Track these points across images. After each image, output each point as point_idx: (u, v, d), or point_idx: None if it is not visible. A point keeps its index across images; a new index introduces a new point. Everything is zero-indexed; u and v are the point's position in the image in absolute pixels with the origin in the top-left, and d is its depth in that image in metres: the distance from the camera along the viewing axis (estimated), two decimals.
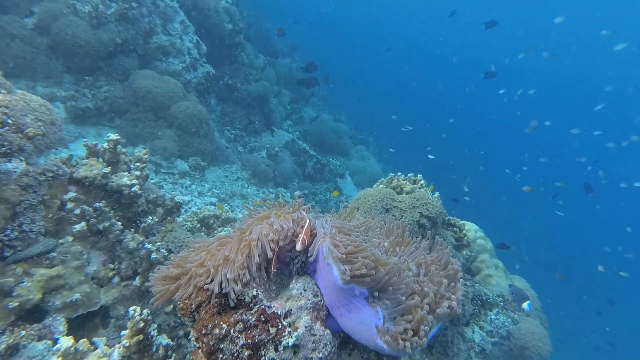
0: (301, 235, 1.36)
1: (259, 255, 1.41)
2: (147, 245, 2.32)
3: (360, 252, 1.38)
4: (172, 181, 5.42)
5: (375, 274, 1.31)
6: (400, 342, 1.23)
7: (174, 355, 1.91)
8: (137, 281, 2.33)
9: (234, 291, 1.37)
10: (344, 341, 1.56)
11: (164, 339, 1.73)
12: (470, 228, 4.13)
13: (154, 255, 2.30)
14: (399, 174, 3.86)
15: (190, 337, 1.47)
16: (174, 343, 1.97)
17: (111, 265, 2.32)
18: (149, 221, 2.42)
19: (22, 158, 1.94)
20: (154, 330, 1.76)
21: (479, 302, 3.71)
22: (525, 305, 3.37)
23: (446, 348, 3.65)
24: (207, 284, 1.41)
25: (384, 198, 3.56)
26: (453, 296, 1.50)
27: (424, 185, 3.74)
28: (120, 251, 2.37)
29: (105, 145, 2.48)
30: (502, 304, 3.67)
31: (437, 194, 3.63)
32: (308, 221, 1.43)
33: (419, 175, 3.85)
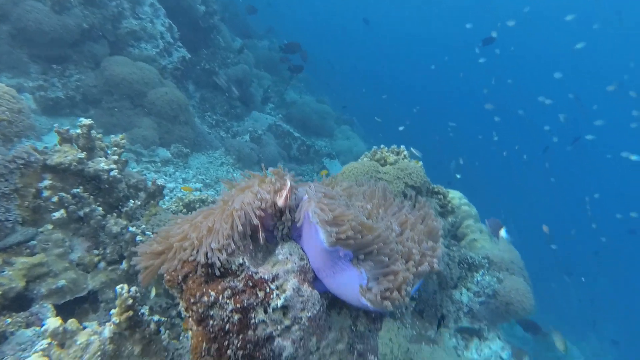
0: (284, 191, 1.37)
1: (242, 224, 1.42)
2: (131, 228, 2.29)
3: (346, 215, 1.40)
4: (155, 169, 5.32)
5: (361, 238, 1.33)
6: (382, 299, 1.27)
7: (167, 332, 1.92)
8: (124, 265, 2.31)
9: (220, 260, 1.37)
10: (333, 302, 1.59)
11: (155, 317, 1.73)
12: (455, 195, 4.22)
13: (139, 238, 2.27)
14: (382, 146, 3.89)
15: (179, 308, 1.47)
16: (166, 319, 1.98)
17: (96, 251, 2.29)
18: (131, 205, 2.38)
19: None
20: (145, 310, 1.76)
21: (465, 265, 3.83)
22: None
23: (436, 311, 3.78)
24: (192, 255, 1.41)
25: (368, 170, 3.59)
26: (434, 253, 1.54)
27: (407, 156, 3.78)
28: (104, 237, 2.34)
29: (79, 130, 2.41)
30: (487, 265, 3.80)
31: (420, 163, 3.68)
32: (289, 183, 1.44)
33: (402, 146, 3.88)
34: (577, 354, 8.48)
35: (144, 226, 2.38)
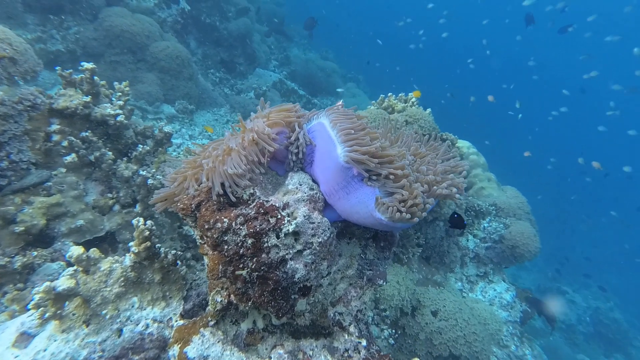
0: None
1: (255, 153, 1.42)
2: (141, 171, 2.32)
3: (361, 129, 1.38)
4: None
5: (375, 151, 1.31)
6: (397, 211, 1.25)
7: (184, 268, 2.01)
8: (137, 208, 2.37)
9: (236, 184, 1.39)
10: (342, 231, 1.63)
11: (172, 250, 1.80)
12: (463, 145, 4.16)
13: (150, 181, 2.31)
14: (389, 94, 3.78)
15: (194, 235, 1.52)
16: (182, 255, 2.05)
17: (109, 195, 2.34)
18: (140, 149, 2.40)
19: None
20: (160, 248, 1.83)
21: (472, 212, 3.86)
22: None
23: (443, 257, 3.88)
24: (205, 182, 1.43)
25: (376, 118, 3.52)
26: (453, 181, 1.52)
27: (415, 103, 3.68)
28: (116, 181, 2.38)
29: (82, 75, 2.37)
30: (494, 212, 3.83)
31: (429, 110, 3.59)
32: (299, 106, 1.42)
33: (410, 93, 3.76)
34: (578, 299, 8.79)
35: (154, 171, 2.41)
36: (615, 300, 9.64)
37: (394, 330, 3.31)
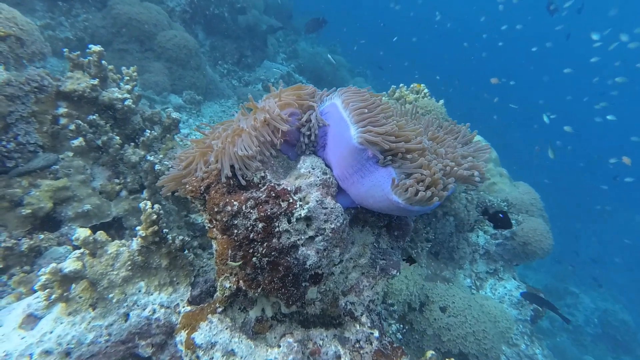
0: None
1: (267, 134, 1.36)
2: (149, 157, 2.28)
3: (375, 106, 1.32)
4: None
5: (390, 130, 1.25)
6: (415, 192, 1.17)
7: (192, 254, 1.97)
8: (145, 194, 2.34)
9: (246, 167, 1.34)
10: (355, 218, 1.57)
11: (179, 236, 1.76)
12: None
13: (157, 167, 2.27)
14: (401, 85, 3.70)
15: (203, 220, 1.48)
16: (189, 243, 2.01)
17: (117, 180, 2.31)
18: (148, 134, 2.36)
19: (1, 63, 1.81)
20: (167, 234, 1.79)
21: (483, 208, 3.78)
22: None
23: (452, 253, 3.81)
24: (214, 164, 1.38)
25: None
26: (473, 163, 1.45)
27: (427, 95, 3.59)
28: (123, 167, 2.35)
29: (90, 58, 2.33)
30: (506, 208, 3.74)
31: (441, 101, 3.50)
32: (312, 86, 1.36)
33: (422, 84, 3.68)
34: (586, 300, 8.66)
35: (161, 156, 2.37)
36: (624, 301, 9.49)
37: (401, 325, 3.26)
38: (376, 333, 1.45)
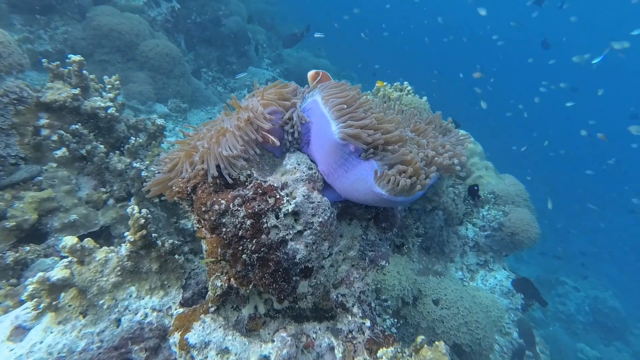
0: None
1: (251, 132, 1.38)
2: (135, 164, 2.27)
3: (353, 101, 1.35)
4: None
5: (370, 124, 1.28)
6: (396, 182, 1.21)
7: (182, 257, 1.96)
8: (132, 202, 2.32)
9: (231, 166, 1.36)
10: (342, 212, 1.60)
11: (169, 239, 1.75)
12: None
13: (144, 173, 2.26)
14: (385, 83, 3.76)
15: (192, 220, 1.48)
16: (180, 248, 2.01)
17: (103, 189, 2.29)
18: (133, 142, 2.35)
19: None
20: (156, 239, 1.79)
21: (471, 201, 3.85)
22: None
23: (442, 246, 3.86)
24: (201, 164, 1.39)
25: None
26: (455, 151, 1.49)
27: (411, 92, 3.66)
28: (109, 176, 2.33)
29: (70, 67, 2.31)
30: (492, 200, 3.82)
31: (424, 98, 3.57)
32: (294, 84, 1.39)
33: (405, 82, 3.75)
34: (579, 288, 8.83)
35: (147, 162, 2.37)
36: (613, 289, 9.72)
37: (396, 320, 3.28)
38: (368, 323, 1.48)
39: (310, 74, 1.66)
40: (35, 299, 1.31)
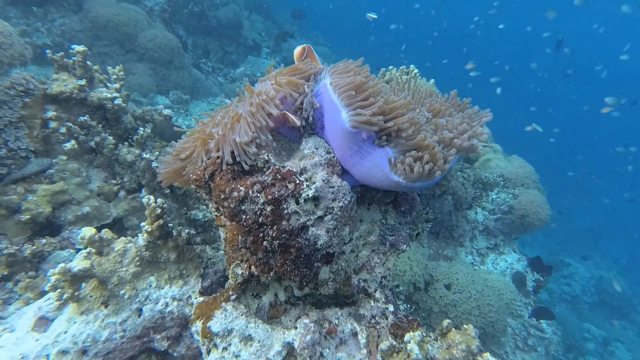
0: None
1: (264, 118, 1.35)
2: (144, 155, 2.25)
3: (362, 86, 1.31)
4: None
5: (379, 109, 1.24)
6: (411, 170, 1.18)
7: (199, 247, 1.96)
8: (143, 193, 2.31)
9: (245, 152, 1.33)
10: (361, 197, 1.58)
11: (186, 229, 1.75)
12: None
13: (154, 164, 2.24)
14: (390, 67, 3.70)
15: (210, 208, 1.46)
16: (192, 239, 2.00)
17: (113, 181, 2.27)
18: (141, 132, 2.32)
19: None
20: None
21: (480, 185, 3.82)
22: None
23: (452, 231, 3.86)
24: (215, 152, 1.36)
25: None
26: (474, 132, 1.45)
27: (418, 75, 3.60)
28: (119, 167, 2.31)
29: (74, 58, 2.27)
30: (502, 183, 3.79)
31: (432, 80, 3.52)
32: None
33: (411, 65, 3.68)
34: (582, 270, 8.88)
35: (157, 153, 2.34)
36: (617, 268, 9.76)
37: (408, 305, 3.30)
38: (391, 307, 1.47)
39: (297, 50, 1.59)
40: (58, 290, 1.30)
